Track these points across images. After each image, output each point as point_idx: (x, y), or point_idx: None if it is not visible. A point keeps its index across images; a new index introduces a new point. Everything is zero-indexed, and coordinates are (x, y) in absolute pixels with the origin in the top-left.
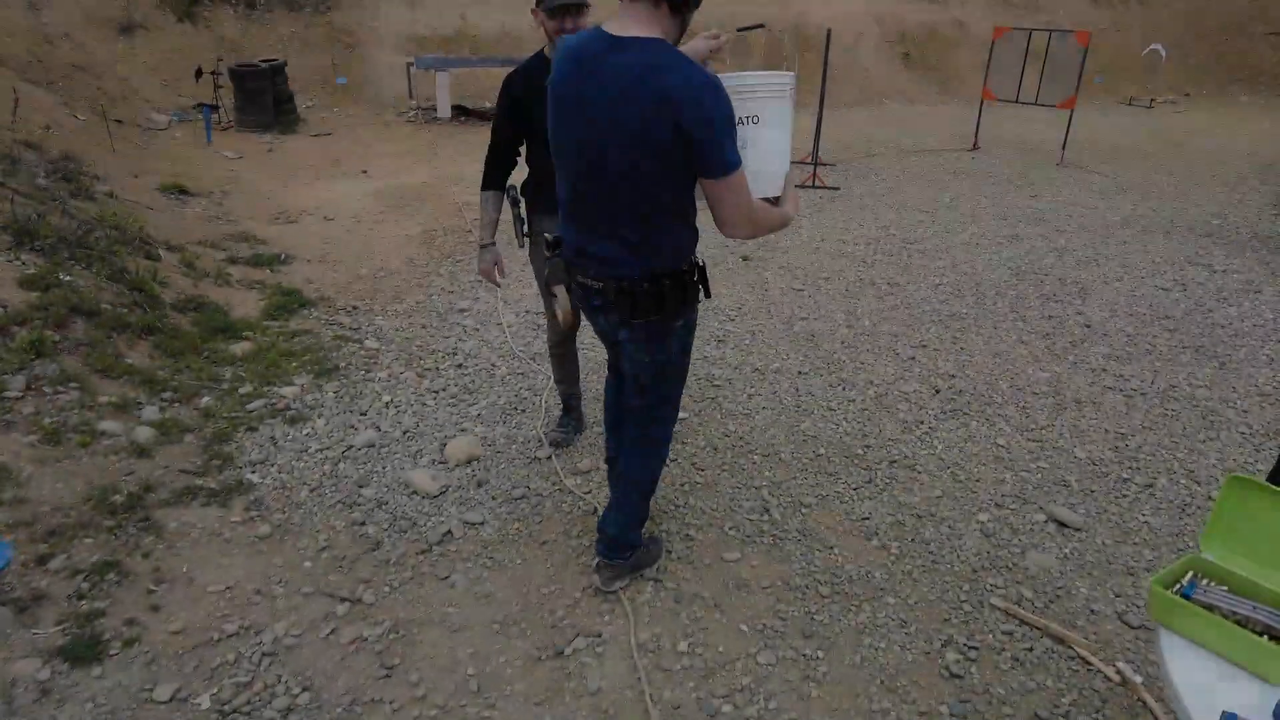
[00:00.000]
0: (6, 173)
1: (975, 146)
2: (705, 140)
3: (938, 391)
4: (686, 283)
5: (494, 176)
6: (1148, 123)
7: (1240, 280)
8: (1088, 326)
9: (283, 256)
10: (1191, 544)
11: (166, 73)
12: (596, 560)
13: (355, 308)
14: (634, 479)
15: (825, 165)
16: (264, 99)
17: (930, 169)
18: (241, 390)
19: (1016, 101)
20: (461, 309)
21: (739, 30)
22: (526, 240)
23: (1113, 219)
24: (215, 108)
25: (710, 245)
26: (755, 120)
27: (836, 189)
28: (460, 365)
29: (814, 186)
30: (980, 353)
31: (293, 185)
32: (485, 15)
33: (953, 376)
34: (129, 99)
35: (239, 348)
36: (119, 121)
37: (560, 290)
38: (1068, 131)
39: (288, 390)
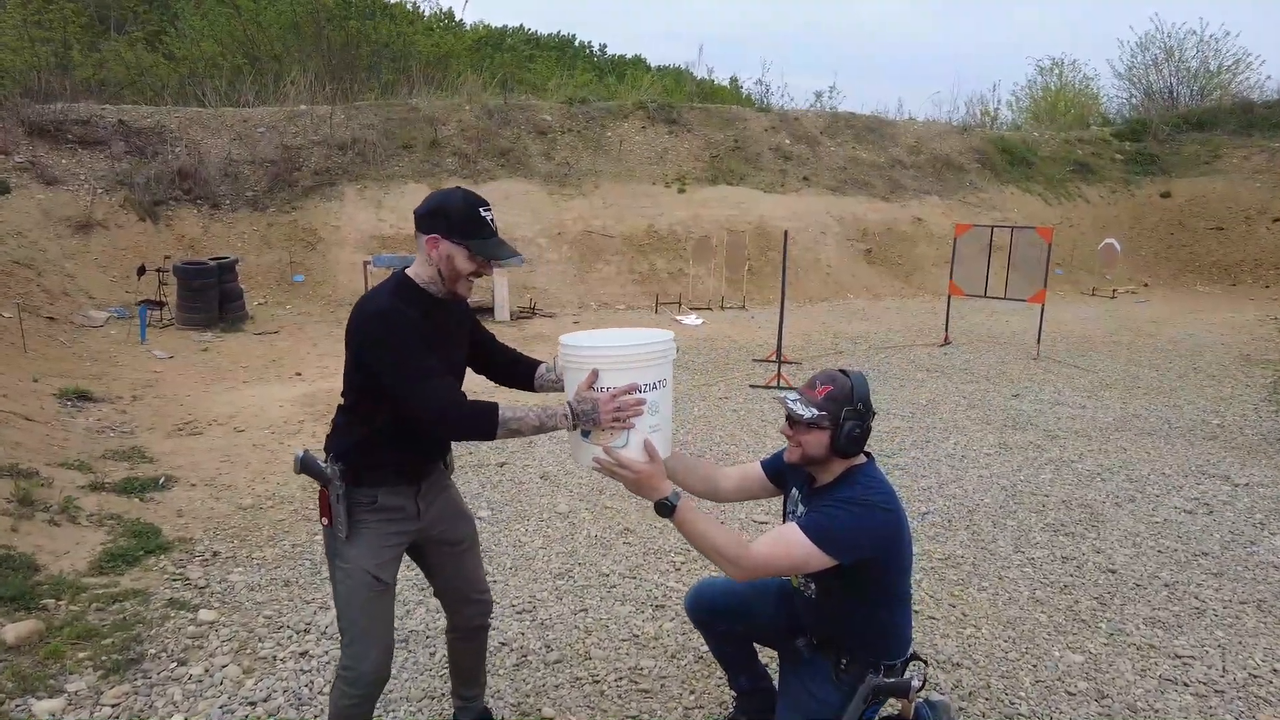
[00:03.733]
0: None
1: (946, 341)
2: None
3: (943, 695)
4: None
5: (466, 401)
6: (1114, 313)
7: (1270, 497)
8: (1112, 572)
9: (162, 480)
10: None
11: (117, 270)
12: None
13: (216, 554)
14: None
15: (790, 364)
16: (209, 296)
17: (902, 366)
18: None
19: (985, 296)
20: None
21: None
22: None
23: (1105, 420)
24: (160, 305)
25: None
26: (664, 383)
27: None
28: (305, 653)
29: (779, 388)
30: (988, 620)
31: (215, 389)
32: None
33: (957, 666)
34: (71, 295)
35: (17, 628)
36: (51, 319)
37: None
38: (1041, 325)
39: (44, 707)
